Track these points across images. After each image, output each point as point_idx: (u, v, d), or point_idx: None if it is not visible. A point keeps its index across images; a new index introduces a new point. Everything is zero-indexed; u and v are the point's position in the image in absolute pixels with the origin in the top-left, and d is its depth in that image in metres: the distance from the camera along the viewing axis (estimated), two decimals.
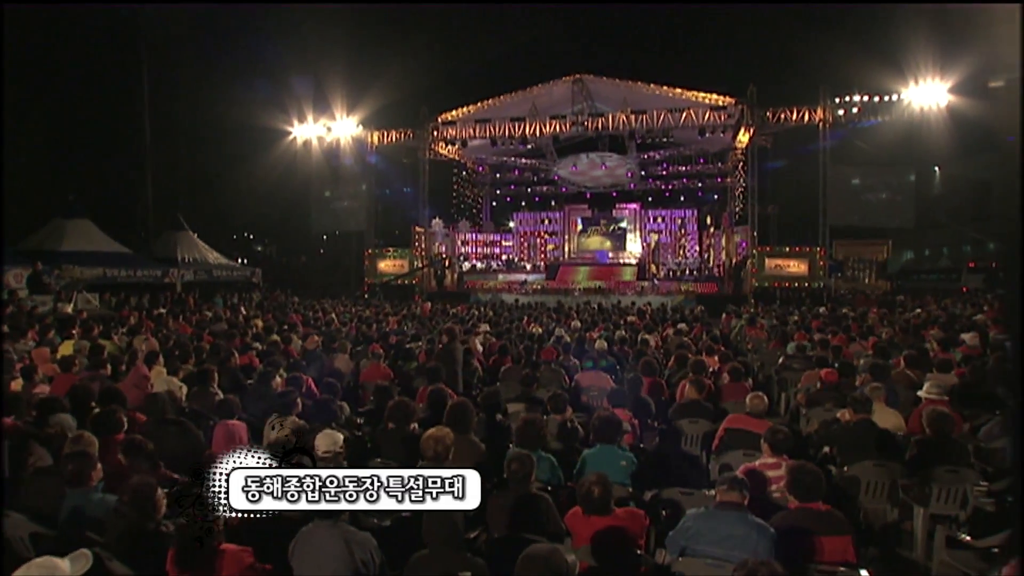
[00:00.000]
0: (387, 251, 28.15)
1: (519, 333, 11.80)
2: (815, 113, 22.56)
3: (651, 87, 23.53)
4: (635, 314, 15.54)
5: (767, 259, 22.98)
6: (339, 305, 18.95)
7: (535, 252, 31.17)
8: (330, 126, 26.79)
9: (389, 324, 14.31)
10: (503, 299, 23.29)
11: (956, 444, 4.89)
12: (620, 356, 9.58)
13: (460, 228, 31.34)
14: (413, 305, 19.65)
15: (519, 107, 24.80)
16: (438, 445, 4.11)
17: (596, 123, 24.40)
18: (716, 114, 23.01)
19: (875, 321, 13.66)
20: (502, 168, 32.73)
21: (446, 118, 26.12)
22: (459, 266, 29.00)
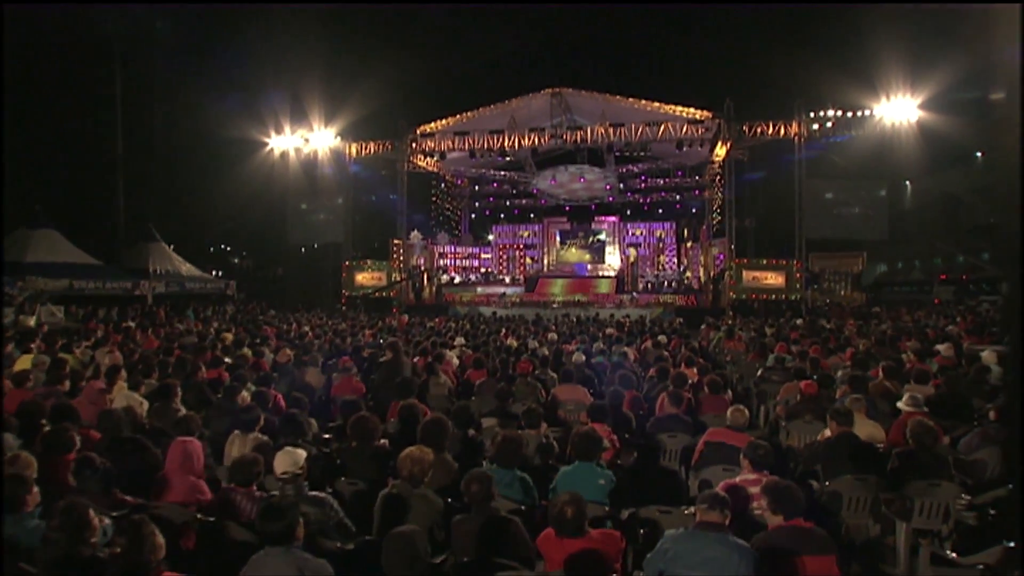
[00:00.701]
0: (365, 263, 27.84)
1: (496, 346, 11.59)
2: (790, 127, 22.80)
3: (629, 101, 23.65)
4: (613, 326, 15.39)
5: (745, 271, 23.07)
6: (315, 318, 18.62)
7: (514, 265, 31.07)
8: (308, 137, 26.53)
9: (364, 337, 14.07)
10: (481, 312, 23.15)
11: (938, 456, 4.79)
12: (597, 369, 9.44)
13: (439, 241, 31.00)
14: (390, 318, 19.34)
15: (498, 120, 24.79)
16: (415, 466, 3.90)
17: (575, 136, 24.46)
18: (693, 128, 23.19)
19: (852, 333, 13.68)
20: (481, 181, 32.63)
21: (424, 130, 26.00)
22: (437, 279, 28.66)
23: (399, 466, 3.90)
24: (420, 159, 27.86)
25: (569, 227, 32.12)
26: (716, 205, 27.24)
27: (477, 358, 9.38)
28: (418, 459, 3.87)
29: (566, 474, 4.45)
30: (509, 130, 24.50)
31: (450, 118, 25.67)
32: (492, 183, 32.43)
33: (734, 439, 5.21)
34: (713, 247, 25.83)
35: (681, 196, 30.46)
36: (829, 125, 22.57)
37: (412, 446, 4.08)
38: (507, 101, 24.64)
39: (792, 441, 6.54)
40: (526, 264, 31.50)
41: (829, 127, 22.57)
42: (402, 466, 3.88)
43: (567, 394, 7.62)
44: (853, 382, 6.77)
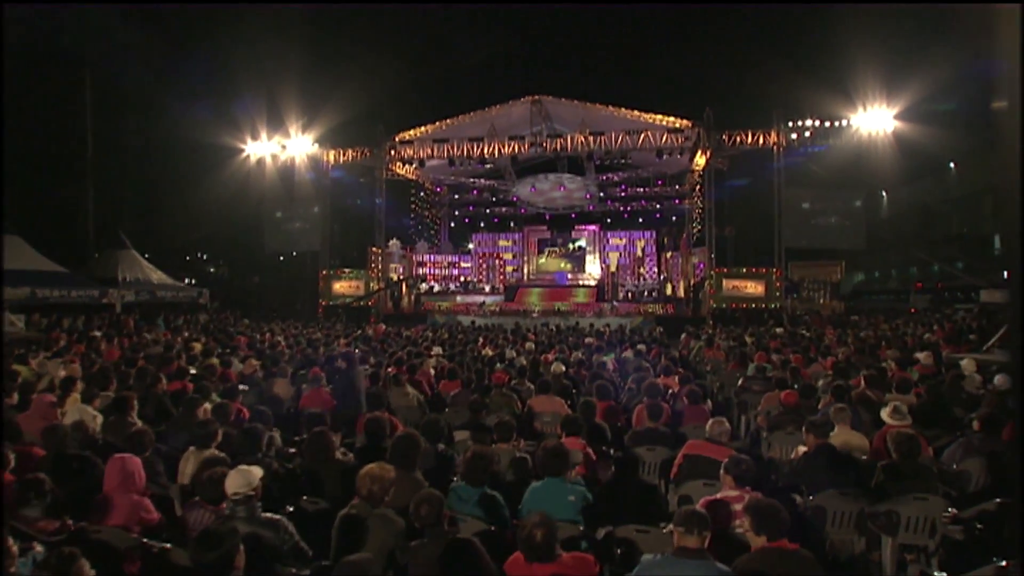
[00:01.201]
0: (342, 272, 27.52)
1: (473, 356, 11.35)
2: (769, 136, 22.97)
3: (609, 109, 23.66)
4: (593, 336, 15.23)
5: (724, 280, 23.04)
6: (290, 327, 18.23)
7: (494, 274, 30.74)
8: (285, 144, 26.19)
9: (339, 347, 13.76)
10: (460, 321, 22.87)
11: (923, 469, 4.64)
12: (576, 379, 9.25)
13: (418, 249, 30.81)
14: (367, 327, 19.02)
15: (477, 127, 24.70)
16: (375, 484, 3.65)
17: (555, 144, 24.44)
18: (673, 136, 23.28)
19: (832, 341, 13.64)
20: (460, 189, 32.50)
21: (403, 137, 25.90)
22: (416, 288, 28.38)
23: (357, 485, 3.66)
24: (399, 167, 27.65)
25: (549, 236, 32.08)
26: (696, 214, 27.35)
27: (451, 368, 9.14)
28: (377, 477, 3.62)
29: (534, 491, 4.24)
30: (489, 138, 24.41)
31: (429, 125, 25.55)
32: (472, 191, 32.31)
33: (715, 452, 5.03)
34: (693, 256, 25.85)
35: (661, 205, 30.58)
36: (807, 135, 22.74)
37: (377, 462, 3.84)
38: (487, 109, 24.60)
39: (774, 453, 6.40)
40: (506, 273, 31.28)
41: (807, 136, 22.74)
42: (360, 485, 3.64)
43: (543, 405, 7.43)
44: (836, 392, 6.64)
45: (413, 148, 25.57)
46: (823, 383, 8.14)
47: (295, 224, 27.52)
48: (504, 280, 30.64)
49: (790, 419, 6.58)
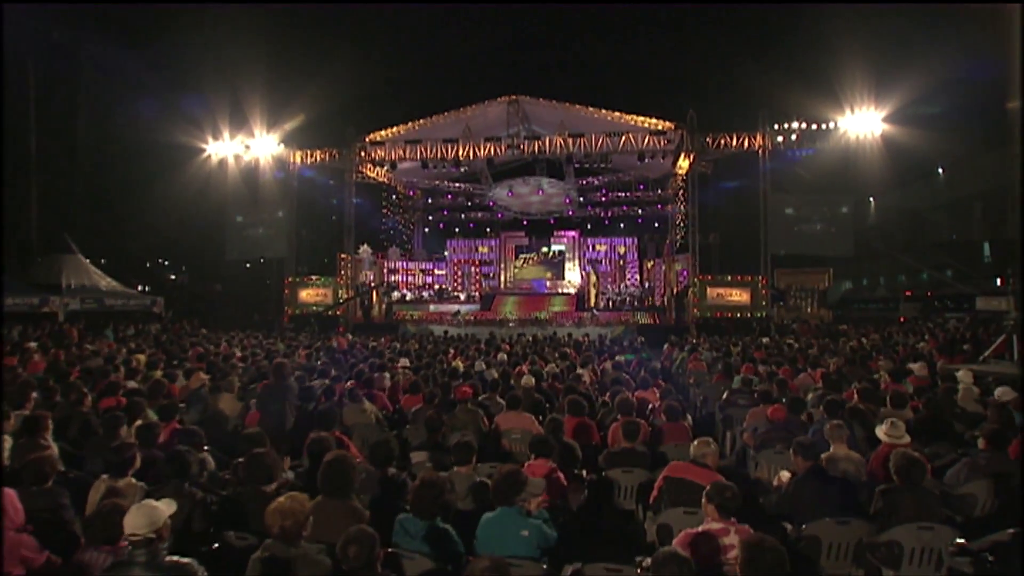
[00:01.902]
0: (309, 279, 27.02)
1: (441, 368, 10.92)
2: (754, 139, 22.95)
3: (589, 110, 23.50)
4: (571, 346, 14.89)
5: (709, 288, 22.92)
6: (249, 338, 17.67)
7: (469, 281, 30.49)
8: (248, 144, 25.64)
9: (299, 358, 13.28)
10: (432, 331, 22.57)
11: (926, 494, 4.30)
12: (550, 394, 8.87)
13: (390, 256, 30.30)
14: (334, 337, 18.51)
15: (452, 128, 24.42)
16: (286, 520, 3.21)
17: (532, 146, 24.22)
18: (656, 139, 23.09)
19: (820, 351, 13.42)
20: (435, 193, 32.20)
21: (374, 138, 25.54)
22: (388, 296, 27.88)
23: (267, 522, 3.22)
24: (369, 169, 27.23)
25: (527, 242, 31.92)
26: (679, 219, 27.23)
27: (414, 382, 8.73)
28: (288, 511, 3.20)
29: (487, 523, 3.87)
30: (463, 139, 24.14)
31: (401, 126, 25.22)
32: (446, 195, 31.99)
33: (698, 475, 4.69)
34: (676, 263, 25.75)
35: (643, 210, 30.28)
36: (794, 138, 22.70)
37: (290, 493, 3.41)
38: (461, 109, 24.35)
39: (761, 473, 6.13)
40: (482, 281, 31.10)
41: (794, 140, 22.70)
42: (270, 522, 3.21)
43: (512, 422, 7.08)
44: (829, 407, 6.32)
45: (384, 149, 25.18)
46: (812, 396, 7.87)
47: (258, 229, 26.91)
48: (480, 288, 30.39)
49: (778, 436, 6.30)
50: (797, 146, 22.80)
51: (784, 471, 5.17)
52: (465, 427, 7.00)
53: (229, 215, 27.16)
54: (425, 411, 7.51)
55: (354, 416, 7.67)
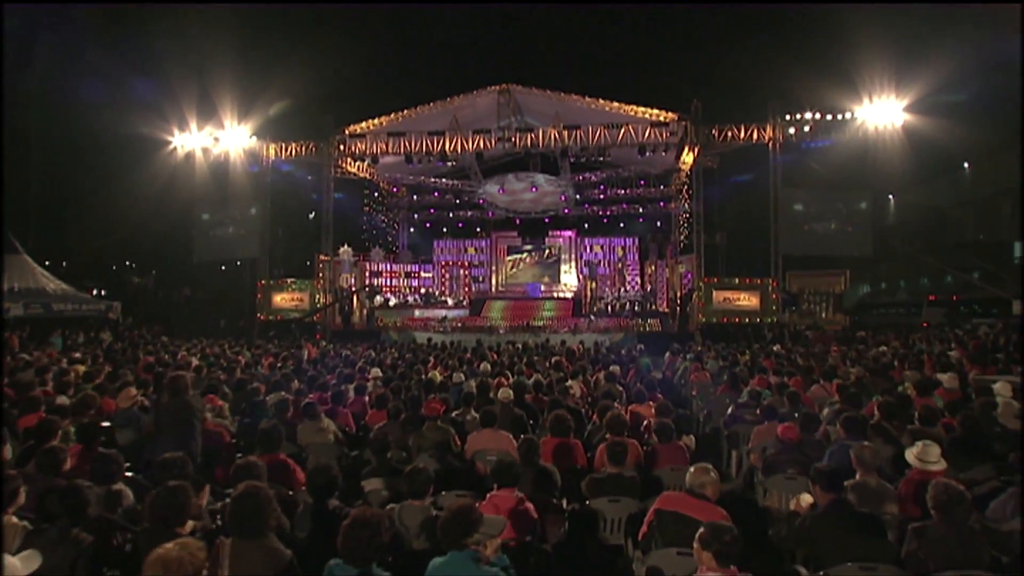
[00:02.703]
0: (284, 283, 26.62)
1: (417, 380, 10.41)
2: (764, 131, 22.65)
3: (586, 100, 23.30)
4: (563, 354, 14.40)
5: (715, 292, 22.61)
6: (215, 346, 17.17)
7: (458, 285, 30.20)
8: (218, 136, 25.23)
9: (262, 369, 12.80)
10: (416, 338, 22.25)
11: (972, 534, 3.77)
12: (534, 409, 8.36)
13: (372, 257, 30.03)
14: (304, 345, 18.00)
15: (438, 120, 24.19)
16: (169, 572, 2.67)
17: (525, 139, 23.94)
18: (657, 131, 22.85)
19: (837, 360, 12.94)
20: (420, 189, 31.86)
21: (354, 130, 25.21)
22: (370, 301, 27.48)
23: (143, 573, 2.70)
24: (349, 163, 27.04)
25: (520, 242, 31.74)
26: (683, 218, 27.00)
27: (380, 396, 8.25)
28: (173, 561, 2.66)
29: (432, 572, 3.33)
30: (451, 132, 23.88)
31: (383, 117, 24.94)
32: (433, 192, 31.60)
33: (696, 509, 4.22)
34: (680, 265, 25.58)
35: (644, 208, 29.98)
36: (807, 129, 22.37)
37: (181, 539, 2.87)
38: (448, 99, 24.11)
39: (771, 502, 5.65)
40: (472, 284, 30.77)
41: (807, 131, 22.37)
42: (149, 572, 2.68)
43: (486, 442, 6.62)
44: (848, 425, 5.80)
45: (365, 142, 24.85)
46: (828, 412, 7.38)
47: (228, 228, 26.51)
48: (469, 292, 30.12)
49: (791, 459, 5.81)
50: (810, 138, 22.50)
51: (805, 495, 4.62)
52: (434, 447, 6.55)
53: (199, 212, 26.71)
54: (390, 429, 7.08)
55: (310, 435, 7.25)
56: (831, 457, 5.53)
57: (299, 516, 4.51)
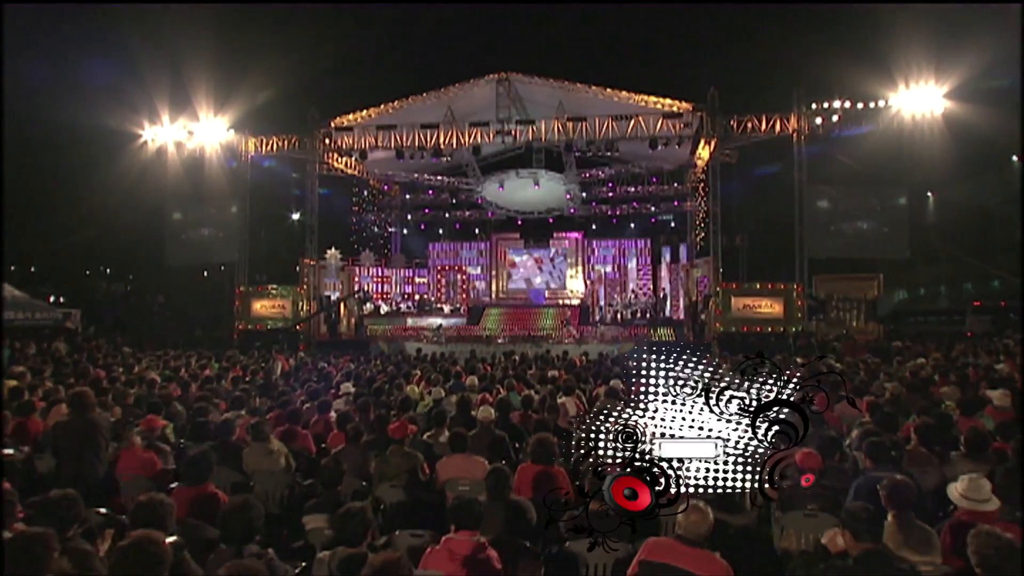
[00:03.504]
0: (265, 289, 26.35)
1: (393, 397, 9.94)
2: (788, 122, 22.37)
3: (592, 89, 23.09)
4: (563, 367, 13.98)
5: (734, 298, 22.34)
6: (183, 358, 16.77)
7: (455, 291, 29.93)
8: (192, 129, 24.99)
9: (226, 384, 12.37)
10: (406, 349, 22.09)
11: None
12: (521, 430, 7.89)
13: (362, 261, 29.84)
14: (276, 356, 17.61)
15: (431, 112, 24.08)
16: None
17: (526, 133, 23.91)
18: (670, 123, 22.65)
19: (868, 374, 12.37)
20: (414, 188, 31.64)
21: (341, 122, 25.11)
22: (359, 308, 27.21)
23: None
24: (336, 159, 26.78)
25: (523, 245, 31.69)
26: (700, 218, 26.74)
27: (342, 414, 7.82)
28: None
29: None
30: (445, 125, 23.78)
31: (372, 109, 24.77)
32: (428, 191, 31.41)
33: (688, 560, 3.78)
34: (696, 268, 25.33)
35: (657, 208, 29.69)
36: (835, 119, 22.04)
37: None
38: (443, 89, 24.00)
39: (788, 543, 5.15)
40: (469, 290, 30.62)
41: (835, 121, 22.02)
42: None
43: (457, 469, 6.26)
44: (873, 452, 5.29)
45: (353, 136, 24.75)
46: (857, 433, 6.83)
47: (203, 230, 26.31)
48: (467, 299, 29.92)
49: (812, 492, 5.25)
50: (839, 128, 22.10)
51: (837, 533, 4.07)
52: (399, 475, 6.23)
53: (171, 212, 26.56)
54: (348, 454, 6.71)
55: (257, 460, 6.84)
56: (857, 491, 5.01)
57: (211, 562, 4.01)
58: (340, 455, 6.76)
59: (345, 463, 6.57)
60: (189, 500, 4.98)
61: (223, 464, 6.50)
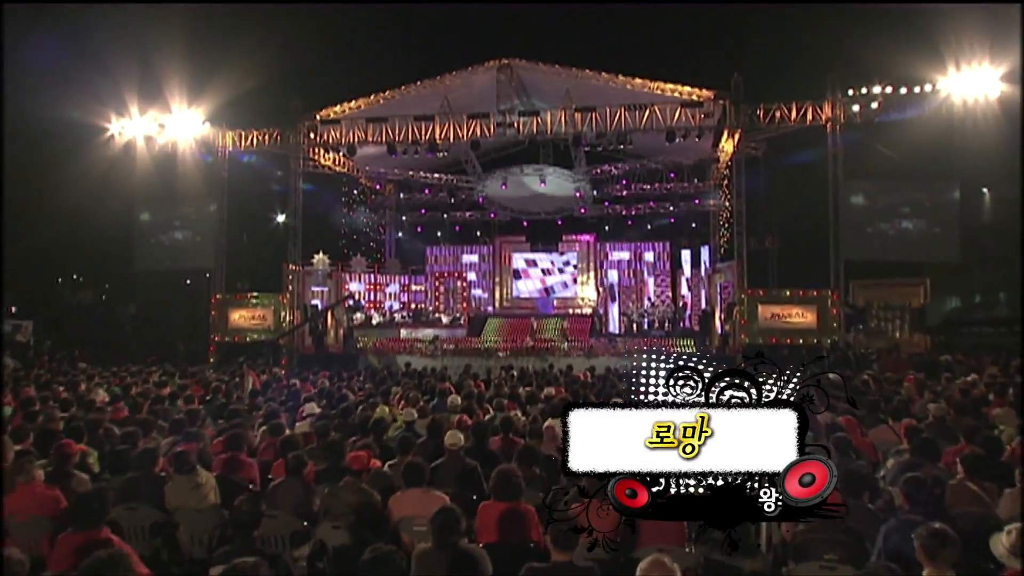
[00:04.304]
0: (243, 298, 26.26)
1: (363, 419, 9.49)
2: (821, 110, 22.05)
3: (603, 76, 22.95)
4: (563, 383, 13.86)
5: (761, 306, 22.04)
6: (140, 373, 16.51)
7: (454, 299, 29.94)
8: (164, 122, 24.83)
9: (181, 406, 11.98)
10: (398, 363, 22.19)
11: None
12: (499, 458, 7.46)
13: (353, 267, 29.90)
14: (246, 372, 17.31)
15: (426, 102, 23.94)
16: None
17: (531, 125, 23.62)
18: (689, 112, 22.49)
19: (912, 392, 11.80)
20: (409, 186, 31.64)
21: (327, 115, 24.99)
22: (349, 319, 27.09)
23: None
24: (322, 155, 26.72)
25: (529, 249, 31.71)
26: (723, 218, 26.67)
27: (284, 440, 7.47)
28: None
29: None
30: (441, 117, 23.61)
31: (362, 99, 24.68)
32: (424, 190, 31.41)
33: None
34: (718, 274, 25.30)
35: (676, 207, 29.76)
36: (875, 106, 21.61)
37: None
38: (439, 77, 23.92)
39: None
40: (470, 299, 30.75)
41: (875, 108, 21.59)
42: None
43: (413, 506, 5.84)
44: (911, 489, 4.73)
45: (340, 129, 24.65)
46: (892, 465, 6.42)
47: (175, 233, 26.27)
48: (468, 308, 29.94)
49: (830, 537, 4.77)
50: (880, 115, 21.68)
51: None
52: (346, 514, 5.67)
53: (141, 213, 26.48)
54: (287, 489, 6.33)
55: (181, 495, 6.40)
56: (888, 537, 4.50)
57: None
58: (278, 489, 6.35)
59: (283, 498, 6.16)
60: (76, 548, 4.52)
61: (140, 500, 6.12)
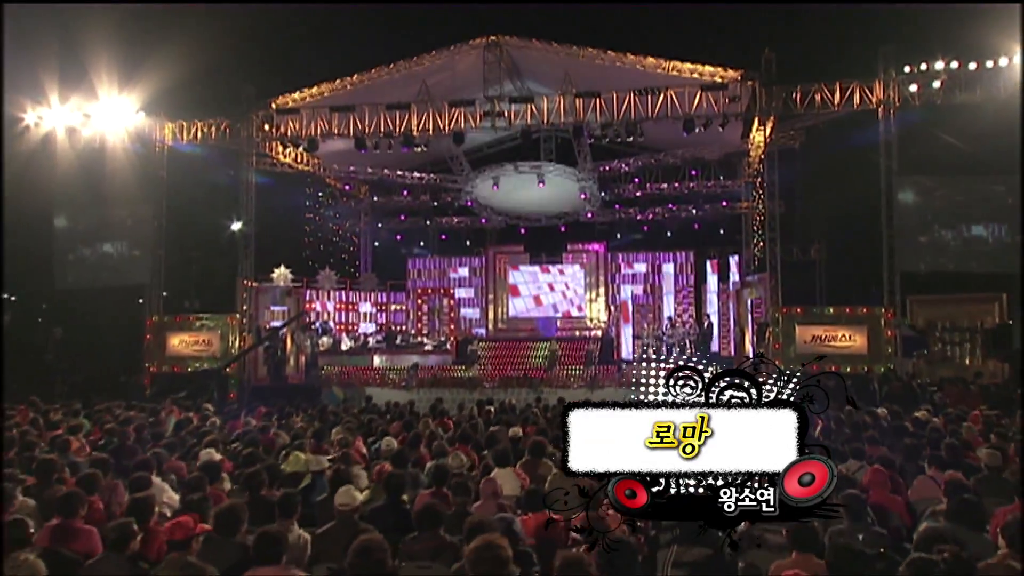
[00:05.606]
0: (183, 320, 26.02)
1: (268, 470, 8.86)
2: (871, 92, 21.77)
3: (608, 55, 23.06)
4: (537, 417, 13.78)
5: (799, 327, 21.80)
6: (42, 410, 15.92)
7: (440, 320, 29.68)
8: (89, 112, 24.58)
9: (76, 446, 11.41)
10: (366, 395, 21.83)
11: None
12: None
13: (320, 282, 29.59)
14: (175, 408, 16.76)
15: (401, 88, 23.88)
16: None
17: (524, 113, 23.52)
18: (711, 97, 22.30)
19: (974, 435, 11.10)
20: (385, 187, 31.48)
21: (284, 103, 24.91)
22: (314, 344, 26.83)
23: None
24: (279, 150, 26.61)
25: (527, 260, 31.73)
26: (756, 222, 26.50)
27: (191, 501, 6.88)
28: None
29: None
30: (419, 105, 23.46)
31: (325, 84, 24.70)
32: (402, 191, 31.31)
33: None
34: (749, 288, 25.40)
35: (700, 211, 29.55)
36: (936, 86, 21.38)
37: None
38: (416, 58, 23.92)
39: None
40: (459, 320, 30.71)
41: (935, 89, 21.36)
42: None
43: None
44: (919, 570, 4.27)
45: (300, 120, 24.43)
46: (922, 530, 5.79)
47: (104, 244, 26.11)
48: (455, 331, 29.60)
49: None
50: (941, 97, 21.42)
51: None
52: None
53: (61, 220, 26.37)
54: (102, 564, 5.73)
55: None
56: None
57: None
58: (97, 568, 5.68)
59: None
60: None
61: None
